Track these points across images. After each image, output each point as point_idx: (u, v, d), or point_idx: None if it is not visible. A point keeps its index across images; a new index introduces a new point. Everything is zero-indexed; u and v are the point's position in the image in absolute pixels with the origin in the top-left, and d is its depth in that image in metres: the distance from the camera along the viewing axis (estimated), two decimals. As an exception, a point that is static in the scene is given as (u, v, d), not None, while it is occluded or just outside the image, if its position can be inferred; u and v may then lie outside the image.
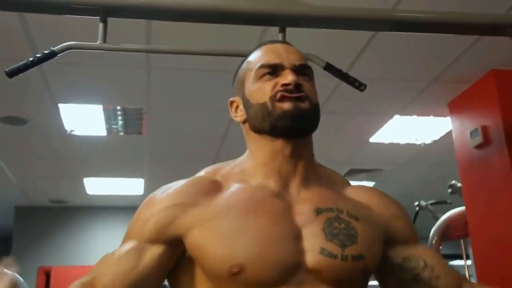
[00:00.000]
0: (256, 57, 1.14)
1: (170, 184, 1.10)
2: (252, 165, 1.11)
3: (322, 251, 0.97)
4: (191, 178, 1.11)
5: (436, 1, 2.51)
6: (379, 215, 1.11)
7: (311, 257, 0.97)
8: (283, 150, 1.07)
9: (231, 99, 1.17)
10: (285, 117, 1.03)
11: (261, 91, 1.08)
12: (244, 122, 1.13)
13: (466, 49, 3.18)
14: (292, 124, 1.04)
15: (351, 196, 1.13)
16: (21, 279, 4.56)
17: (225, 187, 1.07)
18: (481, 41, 3.08)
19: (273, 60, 1.09)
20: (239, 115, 1.14)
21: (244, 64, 1.17)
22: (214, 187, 1.06)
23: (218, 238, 0.98)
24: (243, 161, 1.14)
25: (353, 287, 1.01)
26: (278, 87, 1.05)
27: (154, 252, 1.02)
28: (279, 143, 1.07)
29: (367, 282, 1.06)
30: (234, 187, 1.07)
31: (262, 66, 1.10)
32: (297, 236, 0.99)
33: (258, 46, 1.17)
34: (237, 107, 1.15)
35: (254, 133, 1.11)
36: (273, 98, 1.05)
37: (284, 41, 1.21)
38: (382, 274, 1.13)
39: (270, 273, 0.95)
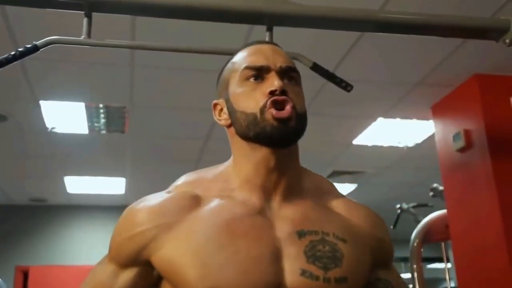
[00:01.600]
0: (241, 58, 1.08)
1: (147, 198, 1.06)
2: (235, 179, 1.06)
3: (303, 272, 0.94)
4: (170, 193, 1.06)
5: (423, 4, 2.53)
6: (366, 234, 1.07)
7: (292, 278, 0.94)
8: (267, 161, 1.02)
9: (214, 101, 1.12)
10: (271, 128, 0.98)
11: (248, 99, 1.03)
12: (228, 126, 1.08)
13: (450, 53, 3.21)
14: (277, 136, 0.99)
15: (340, 212, 1.09)
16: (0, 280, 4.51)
17: (205, 202, 1.02)
18: (465, 45, 3.10)
19: (259, 62, 1.04)
20: (223, 118, 1.09)
21: (229, 65, 1.12)
22: (193, 203, 1.02)
23: (191, 260, 0.94)
24: (226, 172, 1.09)
25: None
26: (266, 97, 1.00)
27: (127, 276, 1.02)
28: (263, 153, 1.01)
29: None
30: (214, 202, 1.02)
31: (247, 68, 1.04)
32: (276, 257, 0.96)
33: (244, 47, 1.12)
34: (220, 110, 1.10)
35: (240, 139, 1.05)
36: (263, 110, 0.99)
37: (271, 42, 1.14)
38: None
39: None
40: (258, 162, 1.03)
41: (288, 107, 0.98)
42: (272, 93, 0.99)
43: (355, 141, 4.63)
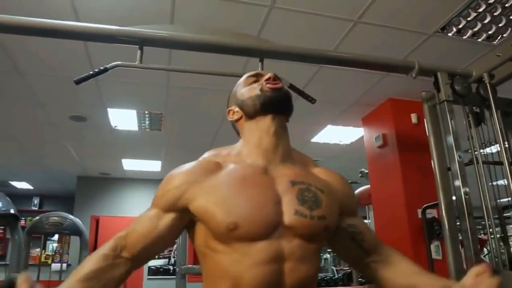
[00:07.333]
0: (242, 78, 1.09)
1: (182, 165, 0.98)
2: (246, 149, 0.99)
3: (296, 212, 0.89)
4: (198, 160, 0.99)
5: (365, 45, 2.51)
6: (337, 191, 1.01)
7: (288, 217, 0.89)
8: (269, 128, 0.97)
9: (228, 109, 1.07)
10: (273, 93, 0.99)
11: (250, 89, 1.02)
12: (239, 119, 1.03)
13: (374, 84, 3.20)
14: (278, 98, 0.99)
15: (318, 175, 1.03)
16: (82, 224, 4.45)
17: (224, 166, 0.96)
18: (384, 79, 3.10)
19: (255, 71, 1.07)
20: (235, 115, 1.03)
21: (235, 86, 1.10)
22: (216, 167, 0.95)
23: (219, 204, 0.88)
24: (238, 147, 1.02)
25: (317, 240, 0.93)
26: (263, 82, 1.01)
27: (167, 218, 0.94)
28: (266, 121, 0.98)
29: (326, 237, 0.98)
30: (231, 166, 0.96)
31: (248, 76, 1.06)
32: (277, 202, 0.90)
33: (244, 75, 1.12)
34: (233, 112, 1.05)
35: (248, 120, 1.00)
36: (261, 88, 1.00)
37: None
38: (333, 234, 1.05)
39: (258, 229, 0.86)
40: (262, 130, 0.98)
41: (279, 83, 1.01)
42: (267, 79, 1.00)
43: (313, 140, 4.60)
